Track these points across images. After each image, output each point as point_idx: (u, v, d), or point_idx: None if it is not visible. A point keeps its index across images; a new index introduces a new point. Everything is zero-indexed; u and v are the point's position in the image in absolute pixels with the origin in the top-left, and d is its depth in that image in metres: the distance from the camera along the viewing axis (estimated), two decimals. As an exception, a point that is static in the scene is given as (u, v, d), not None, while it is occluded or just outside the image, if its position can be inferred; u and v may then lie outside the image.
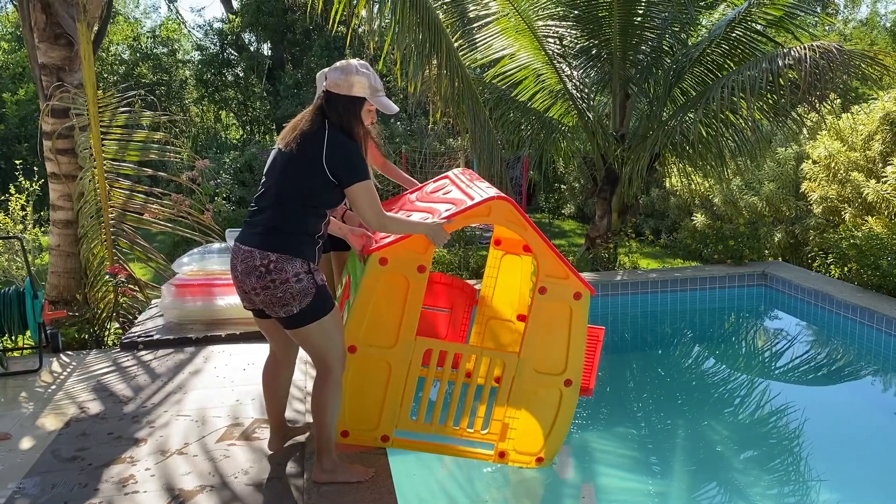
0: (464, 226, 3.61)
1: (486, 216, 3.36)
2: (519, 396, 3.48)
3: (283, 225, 2.93)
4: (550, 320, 3.46)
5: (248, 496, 3.13)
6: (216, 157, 14.63)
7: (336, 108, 2.97)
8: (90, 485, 3.26)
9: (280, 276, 2.88)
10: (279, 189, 2.96)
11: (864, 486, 4.06)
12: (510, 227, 3.39)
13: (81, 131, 6.22)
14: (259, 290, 2.92)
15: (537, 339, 3.45)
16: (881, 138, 8.08)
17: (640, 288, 7.45)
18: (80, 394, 4.42)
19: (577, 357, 3.49)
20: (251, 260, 2.91)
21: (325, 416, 3.06)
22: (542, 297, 3.42)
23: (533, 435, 3.55)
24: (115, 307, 6.00)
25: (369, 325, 3.30)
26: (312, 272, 2.94)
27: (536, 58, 8.44)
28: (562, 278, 3.44)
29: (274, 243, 2.90)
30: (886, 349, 5.90)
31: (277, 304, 2.93)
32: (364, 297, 3.28)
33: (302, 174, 2.93)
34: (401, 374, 3.36)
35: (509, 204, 3.32)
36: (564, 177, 14.04)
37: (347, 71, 2.99)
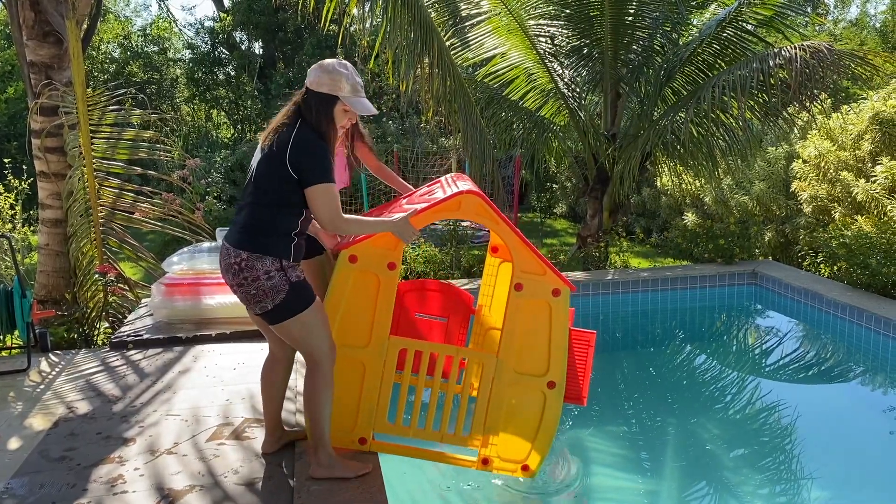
0: (433, 221, 3.49)
1: (455, 211, 3.31)
2: (499, 399, 3.38)
3: (255, 223, 2.96)
4: (529, 318, 3.37)
5: (239, 495, 3.11)
6: (207, 155, 14.59)
7: (310, 105, 2.98)
8: (78, 485, 3.23)
9: (251, 273, 2.92)
10: (254, 188, 2.99)
11: (853, 483, 4.07)
12: (481, 222, 3.33)
13: (70, 129, 6.18)
14: (235, 286, 3.00)
15: (515, 339, 3.37)
16: (871, 138, 8.12)
17: (631, 287, 7.46)
18: (69, 393, 4.39)
19: (559, 357, 3.39)
20: (228, 258, 2.98)
21: (317, 410, 3.07)
22: (518, 294, 3.34)
23: (517, 441, 3.44)
24: (104, 306, 5.96)
25: (341, 325, 3.26)
26: (285, 269, 2.95)
27: (528, 57, 8.45)
28: (539, 274, 3.35)
29: (245, 242, 2.94)
30: (875, 347, 5.93)
31: (251, 301, 2.98)
32: (335, 295, 3.24)
33: (272, 173, 2.94)
34: (375, 374, 3.30)
35: (479, 198, 3.26)
36: (556, 176, 14.06)
37: (327, 69, 3.00)
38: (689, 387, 5.48)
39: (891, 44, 20.16)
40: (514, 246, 3.34)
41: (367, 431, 3.36)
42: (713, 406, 5.05)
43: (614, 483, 4.12)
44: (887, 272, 6.52)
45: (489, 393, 3.38)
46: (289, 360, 3.36)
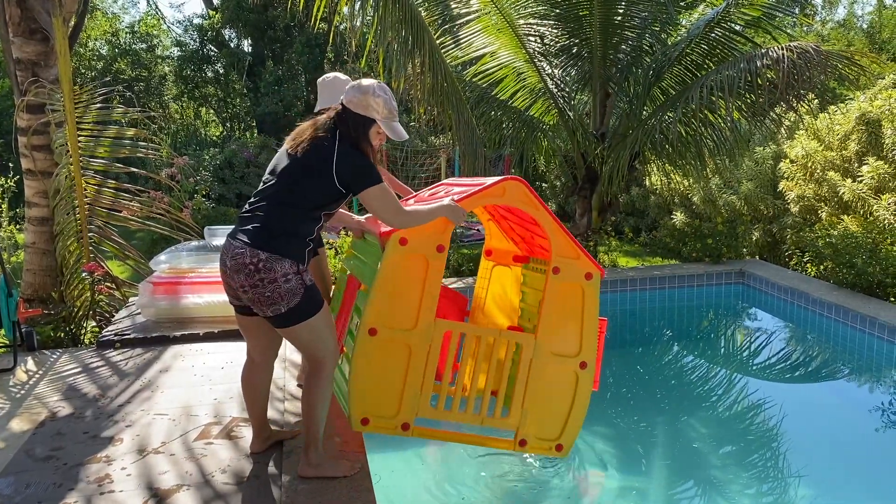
0: (479, 205, 3.59)
1: (500, 196, 3.38)
2: (537, 380, 3.46)
3: (278, 224, 2.93)
4: (564, 301, 3.47)
5: (228, 494, 3.10)
6: (196, 154, 14.52)
7: (348, 123, 3.02)
8: (65, 485, 3.22)
9: (269, 275, 2.88)
10: (281, 189, 2.98)
11: (839, 480, 4.11)
12: (523, 208, 3.41)
13: (57, 127, 6.14)
14: (248, 287, 2.92)
15: (552, 320, 3.45)
16: (857, 138, 8.18)
17: (620, 286, 7.49)
18: (56, 393, 4.37)
19: (590, 338, 3.51)
20: (241, 257, 2.91)
21: (314, 410, 3.07)
22: (555, 278, 3.43)
23: (552, 420, 3.52)
24: (91, 305, 5.93)
25: (389, 307, 3.24)
26: (301, 273, 2.95)
27: (517, 56, 8.46)
28: (573, 258, 3.46)
29: (266, 242, 2.90)
30: (861, 346, 5.98)
31: (265, 303, 2.93)
32: (384, 278, 3.23)
33: (307, 179, 2.95)
34: (421, 356, 3.29)
35: (523, 185, 3.35)
36: (546, 175, 14.09)
37: (365, 91, 3.03)
38: (676, 385, 5.51)
39: (877, 44, 20.31)
40: (553, 231, 3.43)
41: (411, 417, 3.33)
42: (701, 404, 5.08)
43: (602, 480, 4.14)
44: (872, 272, 6.57)
45: (527, 374, 3.44)
46: (268, 365, 3.36)
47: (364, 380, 3.22)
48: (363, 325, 3.19)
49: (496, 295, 4.29)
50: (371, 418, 3.27)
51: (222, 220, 11.26)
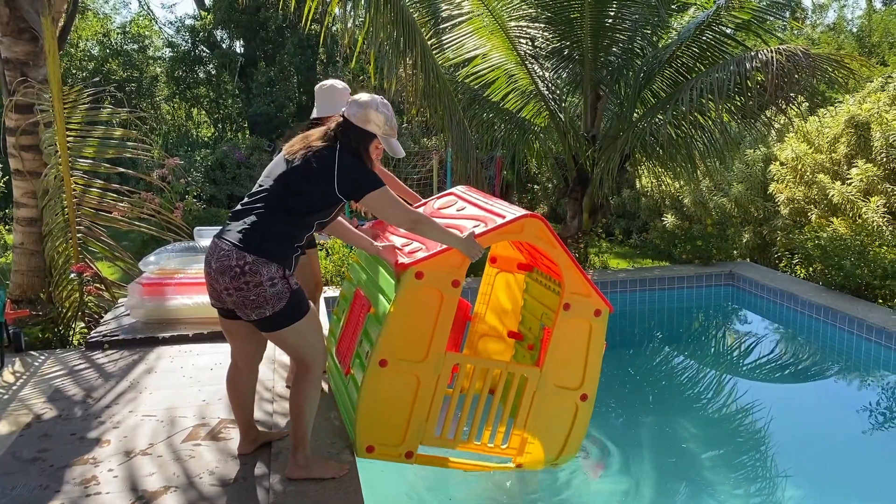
0: (496, 242, 3.66)
1: (518, 233, 3.43)
2: (539, 411, 3.53)
3: (269, 228, 2.93)
4: (572, 336, 3.54)
5: (214, 496, 3.09)
6: (187, 154, 14.47)
7: (349, 135, 3.05)
8: (51, 486, 3.20)
9: (255, 278, 2.86)
10: (276, 194, 2.98)
11: (827, 481, 4.13)
12: (540, 245, 3.48)
13: (46, 127, 6.11)
14: (232, 290, 2.90)
15: (559, 354, 3.52)
16: (846, 141, 8.22)
17: (610, 287, 7.51)
18: (43, 394, 4.34)
19: (593, 372, 3.60)
20: (227, 259, 2.89)
21: (302, 412, 3.07)
22: (566, 314, 3.50)
23: (550, 445, 3.62)
24: (80, 306, 5.91)
25: (401, 339, 3.27)
26: (287, 277, 2.94)
27: (509, 58, 8.47)
28: (585, 295, 3.53)
29: (254, 244, 2.89)
30: (849, 348, 6.01)
31: (250, 307, 2.91)
32: (399, 311, 3.25)
33: (306, 185, 2.96)
34: (429, 388, 3.33)
35: (541, 222, 3.41)
36: (537, 177, 14.10)
37: (367, 106, 3.07)
38: (666, 386, 5.52)
39: (867, 48, 20.43)
40: (567, 268, 3.50)
41: (415, 445, 3.38)
42: (690, 405, 5.09)
43: (592, 479, 4.15)
44: (860, 273, 6.61)
45: (530, 405, 3.52)
46: (253, 368, 3.36)
47: (372, 409, 3.26)
48: (375, 356, 3.22)
49: (499, 300, 4.37)
50: (376, 446, 3.33)
51: (213, 221, 11.22)
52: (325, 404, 3.90)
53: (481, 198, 3.80)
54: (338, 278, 7.68)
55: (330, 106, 3.90)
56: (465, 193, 3.95)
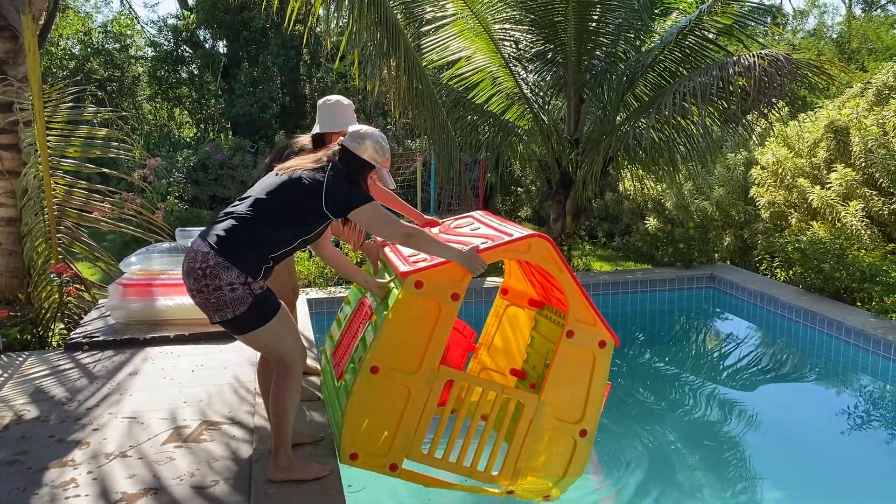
0: (501, 258, 3.56)
1: (524, 252, 3.37)
2: (534, 442, 3.44)
3: (245, 236, 2.93)
4: (574, 365, 3.46)
5: (194, 499, 3.07)
6: (169, 155, 14.36)
7: (347, 164, 3.09)
8: (29, 489, 3.17)
9: (214, 282, 2.87)
10: (262, 205, 2.99)
11: (805, 482, 4.17)
12: (546, 266, 3.40)
13: (26, 126, 6.05)
14: (194, 292, 2.94)
15: (559, 383, 3.44)
16: (826, 145, 8.32)
17: (592, 289, 7.54)
18: (21, 396, 4.29)
19: (594, 407, 3.50)
20: (193, 262, 2.91)
21: (283, 413, 3.06)
22: (568, 342, 3.42)
23: (545, 477, 3.53)
24: (59, 307, 5.84)
25: (395, 348, 3.23)
26: (249, 283, 2.91)
27: (493, 61, 8.49)
28: (590, 324, 3.45)
29: (224, 247, 2.89)
30: (827, 350, 6.08)
31: (210, 309, 2.93)
32: (395, 319, 3.22)
33: (293, 201, 2.98)
34: (419, 401, 3.27)
35: (548, 243, 3.35)
36: (521, 179, 14.14)
37: (366, 137, 3.12)
38: (647, 388, 5.55)
39: (846, 54, 20.68)
40: (573, 294, 3.42)
41: (400, 458, 3.32)
42: (670, 407, 5.12)
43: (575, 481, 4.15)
44: (839, 276, 6.68)
45: (525, 434, 3.42)
46: None
47: (359, 415, 3.21)
48: (366, 362, 3.19)
49: (506, 335, 4.27)
50: (360, 454, 3.26)
51: (195, 221, 11.15)
52: (309, 405, 3.89)
53: (497, 221, 3.75)
54: (321, 280, 7.65)
55: (333, 122, 3.85)
56: (482, 217, 3.91)
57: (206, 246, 2.90)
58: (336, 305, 7.04)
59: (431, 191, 12.56)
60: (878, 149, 7.46)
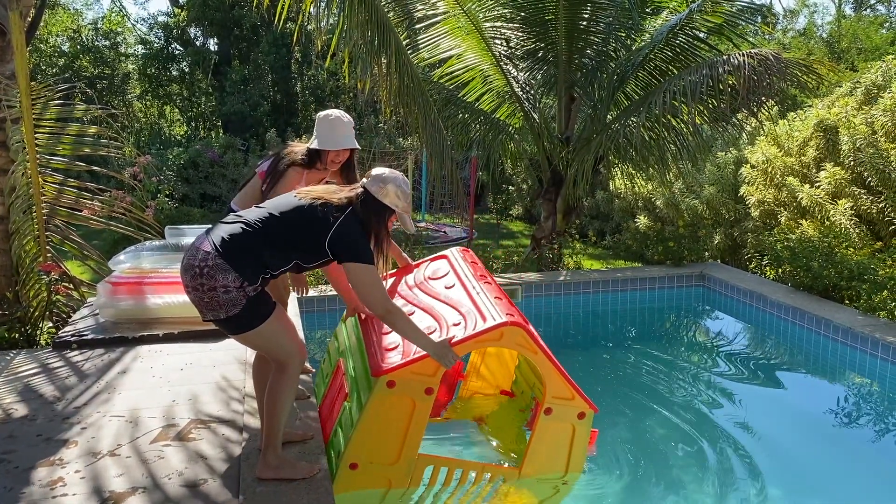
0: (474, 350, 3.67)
1: (497, 340, 3.41)
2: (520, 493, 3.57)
3: (245, 244, 2.95)
4: (554, 439, 3.55)
5: (182, 498, 3.06)
6: (159, 153, 14.32)
7: (368, 207, 3.09)
8: (16, 488, 3.15)
9: (209, 282, 2.88)
10: (271, 221, 3.01)
11: (791, 477, 4.19)
12: (521, 351, 3.46)
13: (14, 123, 6.01)
14: (190, 289, 2.95)
15: (539, 457, 3.53)
16: (815, 144, 8.36)
17: (583, 287, 7.56)
18: (8, 395, 4.27)
19: (577, 463, 3.62)
20: (193, 258, 2.93)
21: (276, 411, 3.08)
22: (547, 418, 3.50)
23: None
24: (48, 306, 5.81)
25: (373, 444, 3.30)
26: (244, 287, 2.92)
27: (484, 59, 8.50)
28: (568, 399, 3.53)
29: (225, 249, 2.91)
30: (816, 347, 6.11)
31: (204, 307, 2.95)
32: (369, 418, 3.28)
33: (300, 227, 3.00)
34: (400, 486, 3.36)
35: (521, 330, 3.37)
36: (512, 178, 14.16)
37: (388, 181, 3.13)
38: (636, 385, 5.57)
39: (836, 54, 20.79)
40: (549, 374, 3.49)
41: None
42: (659, 403, 5.14)
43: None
44: (828, 275, 6.72)
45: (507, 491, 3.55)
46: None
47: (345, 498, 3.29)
48: (345, 460, 3.27)
49: (492, 359, 4.37)
50: None
51: (185, 220, 11.12)
52: (300, 404, 3.89)
53: (471, 275, 3.76)
54: (311, 278, 7.64)
55: (333, 139, 3.83)
56: (457, 262, 3.92)
57: (209, 245, 2.92)
58: (326, 304, 7.03)
59: (423, 189, 12.56)
60: (866, 147, 7.51)
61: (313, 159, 3.92)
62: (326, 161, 3.93)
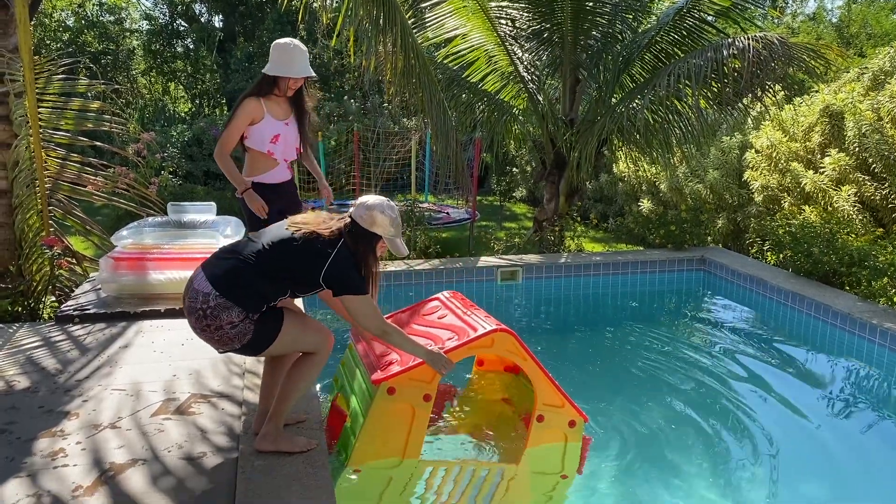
0: (468, 356, 3.77)
1: (489, 346, 3.54)
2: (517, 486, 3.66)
3: (241, 280, 3.00)
4: (547, 446, 3.68)
5: (181, 470, 3.11)
6: (163, 130, 14.30)
7: (355, 237, 3.11)
8: (17, 458, 3.19)
9: (214, 322, 2.96)
10: (264, 256, 3.05)
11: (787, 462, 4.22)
12: (511, 358, 3.60)
13: (17, 98, 6.01)
14: (197, 330, 3.04)
15: (535, 457, 3.65)
16: (821, 130, 8.32)
17: (583, 270, 7.58)
18: (11, 367, 4.31)
19: (572, 461, 3.74)
20: (194, 301, 3.00)
21: (291, 389, 3.16)
22: (539, 425, 3.63)
23: None
24: (50, 280, 5.85)
25: (375, 451, 3.42)
26: (250, 318, 2.99)
27: (488, 39, 8.45)
28: (558, 407, 3.66)
29: (221, 288, 2.96)
30: (814, 333, 6.13)
31: (216, 344, 3.05)
32: (371, 425, 3.40)
33: (295, 262, 3.03)
34: (399, 487, 3.47)
35: (511, 336, 3.52)
36: (516, 160, 14.13)
37: (373, 208, 3.14)
38: (634, 367, 5.59)
39: (846, 39, 20.61)
40: (539, 381, 3.62)
41: None
42: (655, 387, 5.17)
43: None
44: (828, 261, 6.72)
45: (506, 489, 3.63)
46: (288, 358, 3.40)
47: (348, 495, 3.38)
48: (350, 463, 3.38)
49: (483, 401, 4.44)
50: None
51: (189, 197, 11.14)
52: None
53: (461, 306, 3.92)
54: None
55: (293, 67, 4.02)
56: (449, 301, 4.07)
57: (207, 286, 2.97)
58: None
59: (427, 170, 12.55)
60: (872, 134, 7.47)
61: (269, 87, 4.10)
62: (284, 88, 4.14)
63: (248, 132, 4.18)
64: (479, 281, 7.33)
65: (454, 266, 7.33)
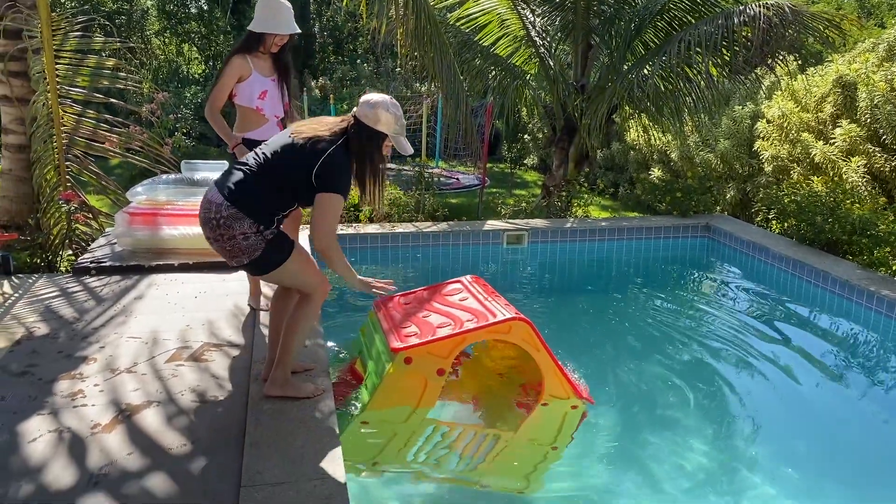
0: (483, 339, 3.99)
1: (505, 333, 3.73)
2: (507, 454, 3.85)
3: (249, 189, 3.08)
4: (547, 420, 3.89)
5: (194, 411, 3.26)
6: (177, 91, 14.35)
7: (360, 135, 3.13)
8: (39, 398, 3.36)
9: (228, 231, 3.05)
10: (265, 163, 3.12)
11: (783, 426, 4.33)
12: (525, 347, 3.75)
13: (35, 54, 6.11)
14: (211, 240, 3.14)
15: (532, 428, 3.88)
16: (833, 100, 8.28)
17: (588, 235, 7.67)
18: (31, 315, 4.48)
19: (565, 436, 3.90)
20: (208, 212, 3.10)
21: (293, 335, 3.27)
22: (543, 409, 3.87)
23: None
24: (67, 234, 6.00)
25: (386, 410, 3.65)
26: (261, 232, 3.08)
27: (501, 2, 8.44)
28: (563, 398, 3.89)
29: (233, 198, 3.05)
30: (813, 299, 6.21)
31: (227, 255, 3.14)
32: (386, 391, 3.62)
33: (295, 167, 3.08)
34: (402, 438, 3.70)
35: (527, 326, 3.68)
36: (528, 127, 14.12)
37: (377, 106, 3.13)
38: (635, 332, 5.70)
39: (866, 9, 20.27)
40: (549, 373, 3.82)
41: None
42: (656, 350, 5.27)
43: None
44: (831, 229, 6.77)
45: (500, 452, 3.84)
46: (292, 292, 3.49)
47: None
48: (358, 419, 3.61)
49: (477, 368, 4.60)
50: None
51: (202, 157, 11.22)
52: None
53: (483, 292, 4.09)
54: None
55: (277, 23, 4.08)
56: (471, 285, 4.24)
57: (219, 197, 3.07)
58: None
59: (437, 135, 12.58)
60: (884, 105, 7.44)
61: (256, 43, 4.17)
62: (269, 44, 4.21)
63: (237, 89, 4.25)
64: (485, 244, 7.44)
65: (461, 229, 7.43)
